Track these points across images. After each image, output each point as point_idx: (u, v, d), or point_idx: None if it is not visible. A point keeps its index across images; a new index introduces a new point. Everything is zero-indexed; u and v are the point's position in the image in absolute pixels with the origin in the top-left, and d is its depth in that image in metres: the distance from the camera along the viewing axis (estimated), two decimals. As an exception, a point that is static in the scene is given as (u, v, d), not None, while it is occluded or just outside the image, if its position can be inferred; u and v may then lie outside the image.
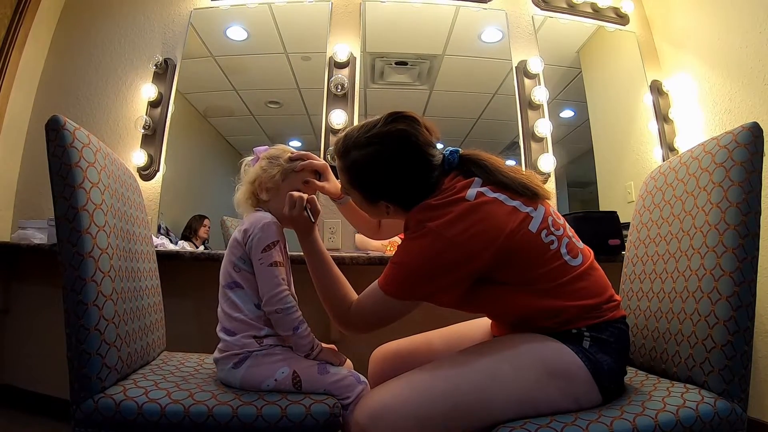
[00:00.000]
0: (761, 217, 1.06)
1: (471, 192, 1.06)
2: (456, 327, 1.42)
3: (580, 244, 1.14)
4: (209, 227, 2.70)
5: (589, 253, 1.14)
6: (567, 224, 1.15)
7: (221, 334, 1.21)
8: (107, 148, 1.26)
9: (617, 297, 1.12)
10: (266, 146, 1.37)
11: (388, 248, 2.35)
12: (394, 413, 0.95)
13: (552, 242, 1.06)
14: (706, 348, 1.04)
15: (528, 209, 1.06)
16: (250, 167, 1.34)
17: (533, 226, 1.05)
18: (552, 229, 1.08)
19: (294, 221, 1.23)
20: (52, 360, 2.24)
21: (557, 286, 1.04)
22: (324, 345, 1.26)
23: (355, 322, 1.16)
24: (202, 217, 2.72)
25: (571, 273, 1.06)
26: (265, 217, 1.23)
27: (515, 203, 1.06)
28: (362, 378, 1.23)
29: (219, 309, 1.23)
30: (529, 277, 1.05)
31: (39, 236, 2.27)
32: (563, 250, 1.07)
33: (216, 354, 1.22)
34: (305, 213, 1.21)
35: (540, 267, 1.04)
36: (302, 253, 1.26)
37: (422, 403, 0.96)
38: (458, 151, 1.16)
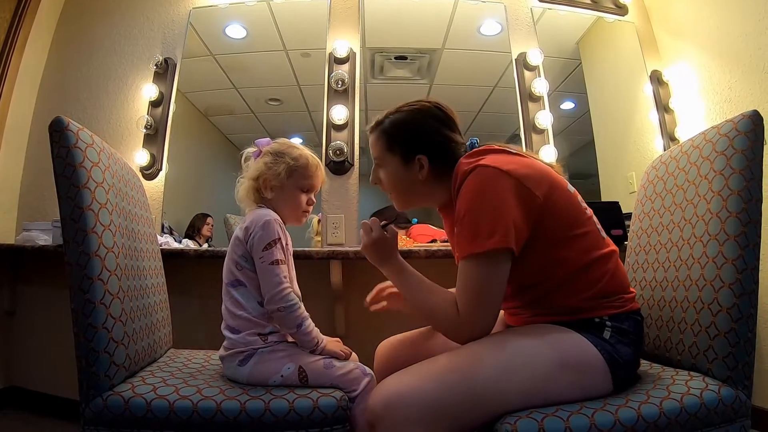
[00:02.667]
0: (762, 204, 1.06)
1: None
2: None
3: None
4: (212, 225, 2.71)
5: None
6: None
7: (226, 332, 1.22)
8: (110, 147, 1.26)
9: (633, 289, 1.14)
10: (268, 139, 1.37)
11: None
12: (407, 402, 0.95)
13: (586, 209, 1.12)
14: (710, 335, 1.05)
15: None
16: (252, 160, 1.34)
17: (571, 189, 1.12)
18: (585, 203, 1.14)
19: (377, 247, 1.18)
20: (59, 361, 2.26)
21: (589, 255, 1.07)
22: (328, 338, 1.27)
23: (468, 316, 1.03)
24: (205, 216, 2.72)
25: (602, 248, 1.09)
26: (267, 214, 1.23)
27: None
28: (368, 370, 1.23)
29: (223, 307, 1.24)
30: (566, 236, 1.06)
31: (43, 238, 2.28)
32: (596, 220, 1.13)
33: (221, 352, 1.23)
34: (384, 232, 1.18)
35: (576, 227, 1.07)
36: (305, 249, 1.26)
37: (436, 392, 0.96)
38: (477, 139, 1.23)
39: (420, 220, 2.43)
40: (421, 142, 1.18)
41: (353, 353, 1.31)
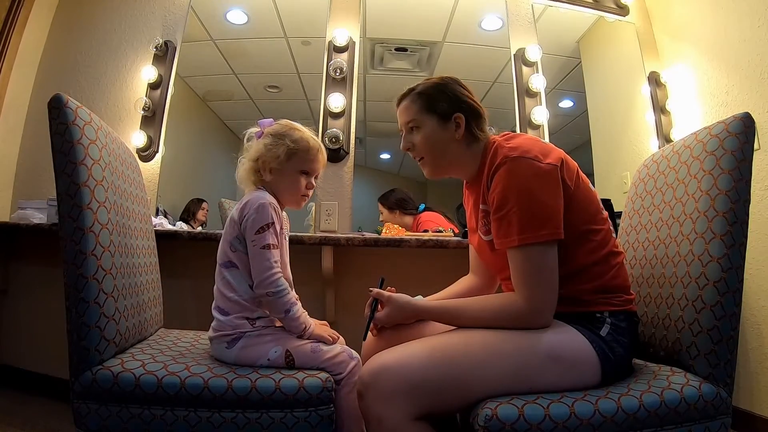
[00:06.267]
0: (750, 206, 1.07)
1: None
2: None
3: None
4: (207, 210, 2.71)
5: None
6: None
7: (215, 313, 1.23)
8: (108, 126, 1.27)
9: (632, 292, 1.16)
10: (271, 119, 1.36)
11: (384, 231, 2.36)
12: (394, 374, 0.98)
13: (602, 210, 1.16)
14: (693, 332, 1.07)
15: None
16: (255, 140, 1.33)
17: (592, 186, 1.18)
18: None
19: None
20: (50, 340, 2.27)
21: (601, 251, 1.11)
22: (316, 322, 1.28)
23: (533, 299, 1.05)
24: (200, 201, 2.73)
25: (612, 246, 1.14)
26: (263, 197, 1.22)
27: None
28: (354, 354, 1.25)
29: (215, 287, 1.24)
30: (586, 228, 1.10)
31: (38, 216, 2.28)
32: (609, 222, 1.17)
33: (210, 332, 1.24)
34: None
35: (593, 222, 1.12)
36: (297, 234, 1.26)
37: (421, 368, 0.99)
38: None
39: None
40: (459, 101, 1.24)
41: (340, 337, 1.33)
